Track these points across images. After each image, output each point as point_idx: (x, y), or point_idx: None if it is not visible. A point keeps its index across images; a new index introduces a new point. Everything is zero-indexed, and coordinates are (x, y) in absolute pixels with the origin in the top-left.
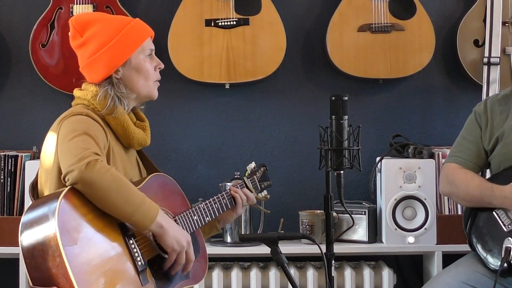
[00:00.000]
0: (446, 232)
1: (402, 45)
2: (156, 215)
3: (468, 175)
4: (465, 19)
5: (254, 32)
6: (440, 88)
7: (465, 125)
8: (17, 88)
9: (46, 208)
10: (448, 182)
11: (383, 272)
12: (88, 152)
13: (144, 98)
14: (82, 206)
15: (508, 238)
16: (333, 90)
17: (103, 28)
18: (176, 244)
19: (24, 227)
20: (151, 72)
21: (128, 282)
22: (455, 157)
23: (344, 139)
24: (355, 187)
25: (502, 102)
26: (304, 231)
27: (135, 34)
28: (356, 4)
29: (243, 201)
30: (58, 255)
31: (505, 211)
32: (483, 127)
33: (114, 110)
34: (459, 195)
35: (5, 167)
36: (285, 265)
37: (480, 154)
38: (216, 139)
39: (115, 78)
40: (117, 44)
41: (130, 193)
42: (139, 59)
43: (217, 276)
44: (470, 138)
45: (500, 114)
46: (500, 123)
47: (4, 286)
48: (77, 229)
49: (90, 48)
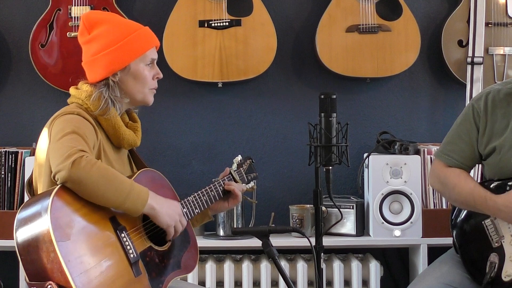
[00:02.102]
0: (431, 225)
1: (388, 45)
2: (147, 199)
3: (461, 178)
4: (449, 20)
5: (246, 32)
6: (426, 87)
7: (461, 119)
8: (17, 87)
9: (39, 205)
10: (439, 182)
11: (371, 264)
12: (74, 150)
13: (138, 103)
14: (74, 202)
15: (494, 253)
16: (322, 88)
17: (109, 30)
18: (170, 219)
19: (19, 225)
20: (149, 80)
21: (121, 274)
22: (448, 157)
23: (332, 136)
24: (344, 182)
25: (504, 103)
26: (294, 224)
27: (139, 42)
28: (344, 5)
29: (243, 190)
30: (52, 250)
31: (494, 224)
32: (481, 130)
33: (107, 112)
34: (451, 197)
35: (5, 163)
36: (276, 257)
37: (474, 158)
38: (209, 136)
39: (112, 81)
40: (119, 49)
41: (118, 182)
42: (138, 67)
43: (210, 268)
44: (466, 139)
45: (501, 118)
46: (500, 131)
47: (5, 277)
48: (70, 224)
49: (94, 47)
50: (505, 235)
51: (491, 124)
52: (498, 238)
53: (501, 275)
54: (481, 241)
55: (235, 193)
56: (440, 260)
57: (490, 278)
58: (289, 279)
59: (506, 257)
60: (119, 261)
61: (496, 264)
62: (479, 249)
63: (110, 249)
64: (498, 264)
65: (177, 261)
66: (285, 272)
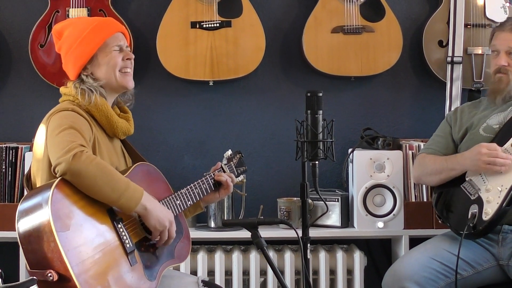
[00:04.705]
0: (412, 217)
1: (372, 46)
2: (141, 198)
3: (436, 156)
4: (430, 22)
5: (236, 33)
6: (407, 85)
7: (437, 128)
8: (17, 85)
9: (40, 197)
10: (419, 165)
11: (355, 254)
12: (75, 145)
13: (116, 88)
14: (73, 194)
15: (474, 204)
16: (308, 86)
17: (71, 31)
18: (159, 224)
19: (20, 216)
20: (117, 61)
21: (118, 263)
22: (426, 148)
23: (318, 132)
24: (329, 176)
25: (471, 106)
26: (282, 217)
27: (98, 32)
28: (330, 7)
29: (233, 181)
30: (53, 240)
31: (471, 183)
32: (452, 124)
33: (90, 100)
34: (427, 171)
35: (6, 158)
36: (264, 248)
37: (448, 146)
38: (201, 132)
39: (84, 75)
40: (80, 45)
41: (115, 179)
42: (103, 55)
43: (202, 258)
44: (441, 134)
45: (469, 113)
46: (469, 118)
47: (5, 268)
48: (69, 215)
49: (64, 50)
50: (480, 187)
51: (460, 118)
52: (475, 191)
53: (482, 216)
54: (463, 201)
55: (227, 183)
56: (423, 243)
57: (472, 224)
58: (277, 269)
59: (484, 202)
60: (115, 250)
61: (476, 213)
62: (462, 208)
63: (107, 239)
64: (478, 211)
65: (171, 251)
66: (273, 262)
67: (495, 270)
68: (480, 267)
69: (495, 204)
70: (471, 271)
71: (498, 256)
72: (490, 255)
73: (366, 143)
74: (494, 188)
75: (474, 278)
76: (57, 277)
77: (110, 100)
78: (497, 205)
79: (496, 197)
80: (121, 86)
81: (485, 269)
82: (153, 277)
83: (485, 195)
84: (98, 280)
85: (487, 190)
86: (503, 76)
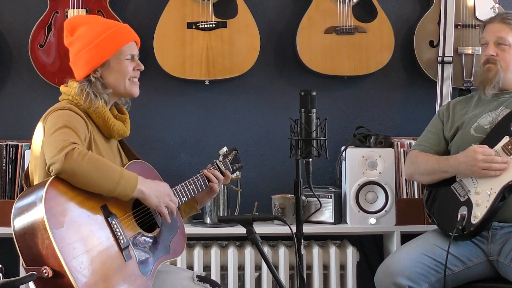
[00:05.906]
0: (404, 214)
1: (364, 46)
2: (136, 184)
3: (428, 155)
4: (421, 22)
5: (231, 33)
6: (399, 84)
7: (430, 123)
8: (17, 84)
9: (34, 195)
10: (411, 163)
11: (348, 250)
12: (67, 143)
13: (123, 95)
14: (67, 192)
15: (463, 206)
16: (302, 86)
17: (88, 30)
18: (159, 200)
19: (16, 214)
20: (129, 70)
21: (112, 259)
22: (418, 145)
23: (312, 130)
24: (322, 174)
25: (463, 102)
26: (276, 213)
27: (116, 38)
28: (323, 8)
29: (220, 180)
30: (47, 237)
31: (461, 184)
32: (444, 121)
33: (92, 105)
34: (420, 170)
35: (6, 156)
36: (259, 244)
37: (440, 143)
38: (197, 131)
39: (93, 77)
40: (96, 47)
41: (109, 170)
42: (117, 62)
43: (198, 253)
44: (432, 130)
45: (461, 110)
46: (461, 116)
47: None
48: (63, 213)
49: (76, 47)
50: (470, 189)
51: (452, 115)
52: (465, 193)
53: (471, 219)
54: (452, 202)
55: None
56: (415, 238)
57: (461, 226)
58: (272, 264)
59: (473, 204)
60: (110, 246)
61: (465, 215)
62: (452, 209)
63: (101, 236)
64: (467, 214)
65: (166, 246)
66: (267, 257)
67: (484, 265)
68: (471, 263)
69: (483, 208)
70: (461, 266)
71: (488, 252)
72: (480, 251)
73: (358, 141)
74: (483, 192)
75: (464, 273)
76: (52, 274)
77: (110, 102)
78: (486, 209)
79: (485, 201)
80: (128, 94)
81: (475, 265)
82: (148, 272)
83: (474, 198)
84: (92, 276)
85: (477, 193)
86: (492, 66)
